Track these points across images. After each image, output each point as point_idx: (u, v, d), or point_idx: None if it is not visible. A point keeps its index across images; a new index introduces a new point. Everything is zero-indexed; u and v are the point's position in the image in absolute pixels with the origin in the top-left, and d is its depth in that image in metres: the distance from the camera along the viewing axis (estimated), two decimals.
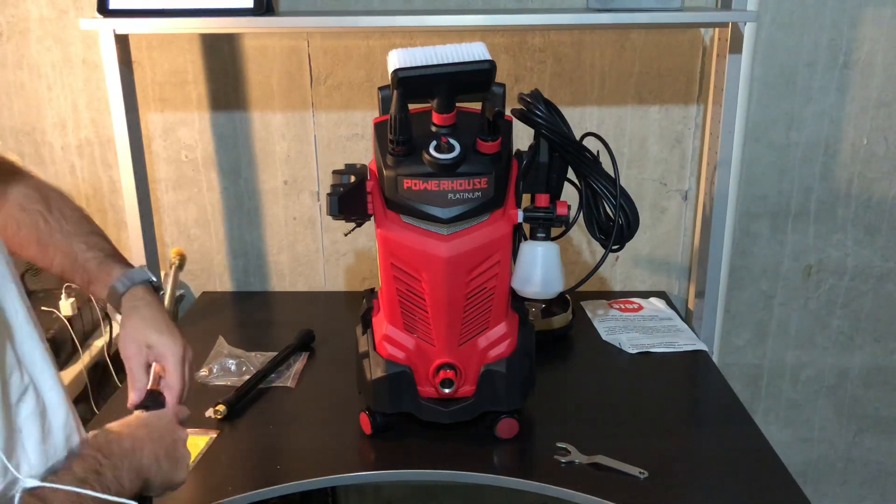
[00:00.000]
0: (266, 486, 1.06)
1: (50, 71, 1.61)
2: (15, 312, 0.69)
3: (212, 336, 1.46)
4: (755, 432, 1.18)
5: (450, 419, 1.13)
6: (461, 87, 0.97)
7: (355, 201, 1.05)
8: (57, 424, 0.71)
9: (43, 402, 0.70)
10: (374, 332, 1.15)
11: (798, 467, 1.86)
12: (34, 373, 0.69)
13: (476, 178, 1.00)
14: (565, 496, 1.04)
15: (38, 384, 0.69)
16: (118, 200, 1.69)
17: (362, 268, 1.75)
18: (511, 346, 1.12)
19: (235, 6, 1.32)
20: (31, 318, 0.71)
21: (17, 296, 0.70)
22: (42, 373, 0.70)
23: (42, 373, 0.70)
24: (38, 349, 0.71)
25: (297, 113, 1.63)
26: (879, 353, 1.76)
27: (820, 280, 1.71)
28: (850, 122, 1.59)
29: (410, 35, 1.56)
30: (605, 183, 1.10)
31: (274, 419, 1.23)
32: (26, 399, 0.67)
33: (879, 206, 1.64)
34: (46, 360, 0.72)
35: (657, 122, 1.61)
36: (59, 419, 0.71)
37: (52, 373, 0.72)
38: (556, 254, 1.10)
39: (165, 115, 1.64)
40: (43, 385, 0.70)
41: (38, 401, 0.69)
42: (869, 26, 1.52)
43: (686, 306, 1.71)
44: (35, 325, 0.72)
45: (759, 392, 1.80)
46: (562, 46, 1.57)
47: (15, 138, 1.65)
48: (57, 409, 0.71)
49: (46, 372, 0.71)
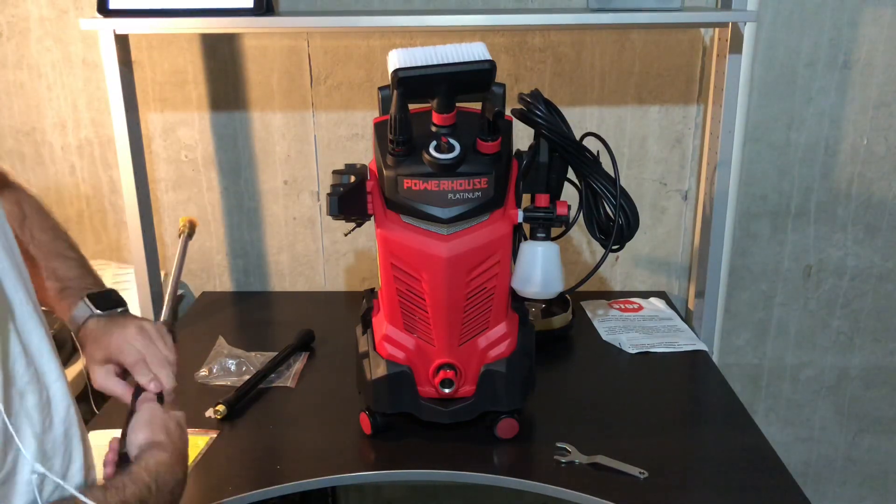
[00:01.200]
0: (266, 486, 1.06)
1: (50, 71, 1.61)
2: (21, 304, 0.69)
3: (212, 336, 1.46)
4: (755, 432, 1.18)
5: (450, 419, 1.13)
6: (461, 87, 0.97)
7: (355, 201, 1.05)
8: (58, 418, 0.71)
9: (47, 395, 0.70)
10: (374, 332, 1.15)
11: (798, 467, 1.86)
12: (40, 364, 0.69)
13: (476, 178, 1.00)
14: (565, 496, 1.04)
15: (42, 376, 0.70)
16: (118, 200, 1.69)
17: (362, 268, 1.75)
18: (511, 346, 1.12)
19: (235, 6, 1.32)
20: (38, 312, 0.72)
21: (24, 289, 0.70)
22: (48, 364, 0.71)
23: (48, 364, 0.71)
24: (43, 342, 0.71)
25: (297, 113, 1.63)
26: (879, 353, 1.76)
27: (820, 280, 1.71)
28: (850, 122, 1.59)
29: (410, 35, 1.56)
30: (605, 183, 1.10)
31: (274, 419, 1.23)
32: (30, 390, 0.67)
33: (879, 206, 1.64)
34: (52, 353, 0.72)
35: (657, 122, 1.61)
36: (61, 413, 0.71)
37: (56, 366, 0.72)
38: (556, 254, 1.10)
39: (165, 115, 1.64)
40: (48, 377, 0.70)
41: (42, 393, 0.69)
42: (869, 26, 1.52)
43: (686, 306, 1.71)
44: (41, 318, 0.72)
45: (759, 392, 1.80)
46: (562, 46, 1.57)
47: (15, 138, 1.65)
48: (60, 402, 0.71)
49: (52, 364, 0.71)
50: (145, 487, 0.71)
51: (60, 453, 0.71)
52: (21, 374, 0.66)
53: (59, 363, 0.72)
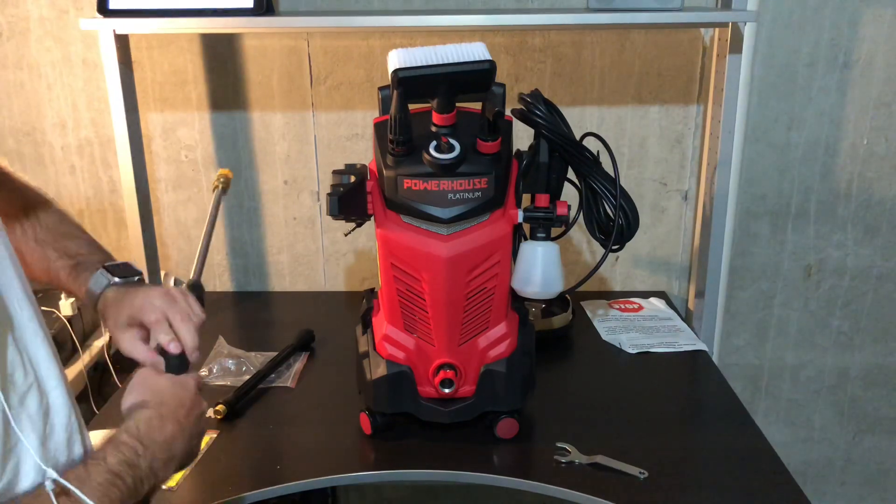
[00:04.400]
0: (266, 486, 1.06)
1: (50, 71, 1.61)
2: (20, 310, 0.68)
3: (212, 336, 1.46)
4: (755, 432, 1.18)
5: (450, 419, 1.13)
6: (461, 87, 0.97)
7: (355, 201, 1.05)
8: (60, 424, 0.70)
9: (47, 402, 0.69)
10: (374, 332, 1.15)
11: (798, 467, 1.86)
12: (39, 371, 0.69)
13: (476, 178, 1.00)
14: (565, 496, 1.04)
15: (42, 383, 0.69)
16: (118, 200, 1.69)
17: (362, 268, 1.75)
18: (511, 346, 1.12)
19: (235, 6, 1.32)
20: (38, 317, 0.71)
21: (23, 294, 0.69)
22: (48, 371, 0.70)
23: (48, 371, 0.70)
24: (43, 348, 0.70)
25: (297, 113, 1.63)
26: (879, 353, 1.76)
27: (820, 280, 1.71)
28: (850, 122, 1.59)
29: (410, 35, 1.56)
30: (605, 183, 1.10)
31: (274, 419, 1.23)
32: (30, 398, 0.67)
33: (879, 206, 1.64)
34: (52, 359, 0.71)
35: (657, 122, 1.61)
36: (62, 419, 0.70)
37: (56, 372, 0.71)
38: (556, 254, 1.10)
39: (165, 115, 1.64)
40: (48, 384, 0.69)
41: (42, 400, 0.68)
42: (869, 26, 1.52)
43: (686, 306, 1.71)
44: (41, 323, 0.71)
45: (759, 392, 1.80)
46: (562, 46, 1.57)
47: (15, 138, 1.65)
48: (60, 409, 0.70)
49: (52, 371, 0.70)
50: (130, 451, 0.68)
51: (64, 458, 0.70)
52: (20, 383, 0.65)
53: (59, 371, 0.71)
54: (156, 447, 0.71)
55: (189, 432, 0.77)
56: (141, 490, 0.69)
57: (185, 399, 0.78)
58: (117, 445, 0.68)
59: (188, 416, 0.77)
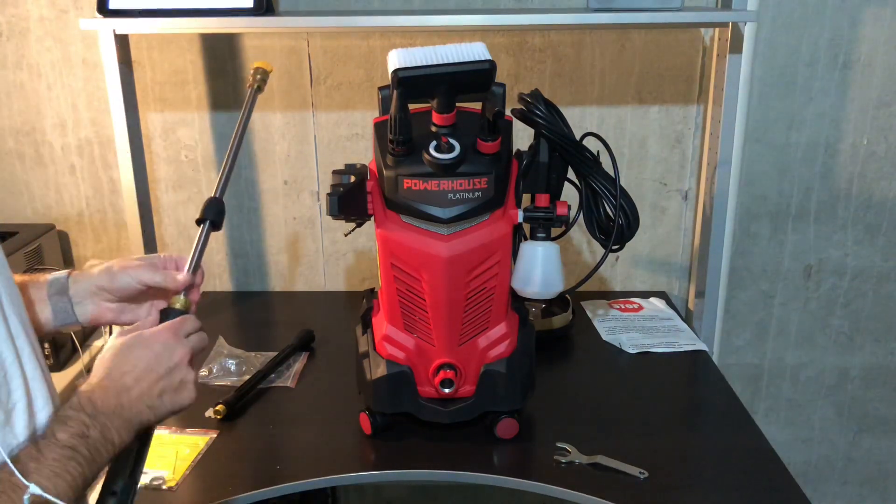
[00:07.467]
0: (266, 486, 1.06)
1: (50, 71, 1.60)
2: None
3: (212, 336, 1.46)
4: (755, 432, 1.18)
5: (450, 419, 1.13)
6: (461, 87, 0.97)
7: (355, 201, 1.05)
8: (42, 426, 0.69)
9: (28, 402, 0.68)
10: (374, 332, 1.15)
11: (798, 467, 1.86)
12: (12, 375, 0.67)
13: (476, 178, 1.00)
14: (565, 496, 1.04)
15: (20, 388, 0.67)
16: (118, 200, 1.69)
17: (362, 268, 1.75)
18: (511, 346, 1.12)
19: (235, 6, 1.32)
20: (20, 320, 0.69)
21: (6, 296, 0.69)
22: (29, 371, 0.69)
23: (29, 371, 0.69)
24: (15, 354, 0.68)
25: (297, 113, 1.63)
26: (879, 353, 1.76)
27: (820, 280, 1.71)
28: (850, 122, 1.59)
29: (410, 35, 1.56)
30: (605, 183, 1.10)
31: (274, 419, 1.23)
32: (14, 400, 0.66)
33: (879, 206, 1.64)
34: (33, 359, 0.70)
35: (657, 122, 1.61)
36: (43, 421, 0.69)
37: (39, 373, 0.70)
38: (556, 254, 1.10)
39: (165, 115, 1.64)
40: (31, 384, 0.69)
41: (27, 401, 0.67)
42: (869, 26, 1.52)
43: (686, 306, 1.71)
44: (25, 326, 0.70)
45: (759, 392, 1.80)
46: (562, 46, 1.57)
47: (15, 138, 1.65)
48: (41, 409, 0.69)
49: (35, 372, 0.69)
50: (78, 423, 0.67)
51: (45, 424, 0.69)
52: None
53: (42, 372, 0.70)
54: (104, 417, 0.69)
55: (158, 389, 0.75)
56: (100, 458, 0.68)
57: (136, 360, 0.75)
58: (64, 421, 0.67)
59: (139, 376, 0.74)
